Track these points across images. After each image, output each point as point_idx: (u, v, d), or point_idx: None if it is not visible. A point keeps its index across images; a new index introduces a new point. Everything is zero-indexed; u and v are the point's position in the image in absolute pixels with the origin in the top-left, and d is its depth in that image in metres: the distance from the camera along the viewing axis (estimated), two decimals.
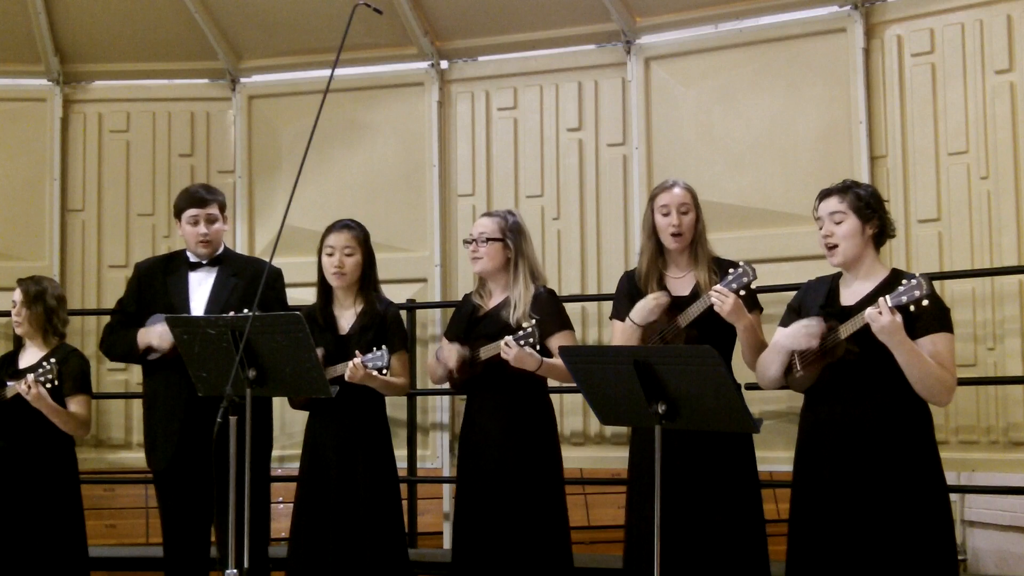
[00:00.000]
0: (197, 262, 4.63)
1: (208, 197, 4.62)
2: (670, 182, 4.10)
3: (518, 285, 4.22)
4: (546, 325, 4.14)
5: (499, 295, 4.29)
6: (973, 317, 5.05)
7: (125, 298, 4.74)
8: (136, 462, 6.29)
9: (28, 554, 4.60)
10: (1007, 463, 4.99)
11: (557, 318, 4.23)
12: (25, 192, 6.50)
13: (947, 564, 3.46)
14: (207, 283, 4.60)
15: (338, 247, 4.36)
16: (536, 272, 4.30)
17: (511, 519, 4.10)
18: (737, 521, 3.85)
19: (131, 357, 4.66)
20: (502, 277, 4.29)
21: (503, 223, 4.29)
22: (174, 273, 4.64)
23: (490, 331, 4.16)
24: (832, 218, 3.61)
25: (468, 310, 4.36)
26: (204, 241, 4.58)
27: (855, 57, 5.37)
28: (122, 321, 4.67)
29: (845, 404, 3.52)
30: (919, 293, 3.32)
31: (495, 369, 4.14)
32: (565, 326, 4.25)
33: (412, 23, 6.14)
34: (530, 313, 4.13)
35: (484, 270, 4.30)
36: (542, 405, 4.26)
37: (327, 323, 4.38)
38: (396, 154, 6.32)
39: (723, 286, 3.79)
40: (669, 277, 4.06)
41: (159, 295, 4.60)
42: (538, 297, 4.22)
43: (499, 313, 4.23)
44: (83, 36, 6.48)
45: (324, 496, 4.29)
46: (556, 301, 4.31)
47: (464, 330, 4.30)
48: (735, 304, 3.76)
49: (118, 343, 4.65)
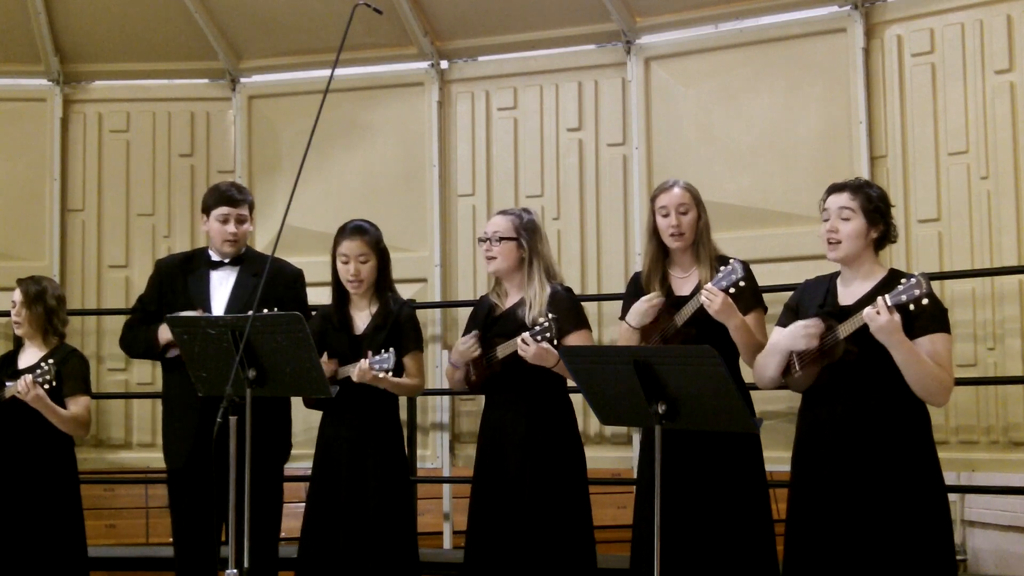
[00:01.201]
0: (219, 261, 4.61)
1: (240, 197, 4.60)
2: (670, 183, 4.09)
3: (533, 284, 4.18)
4: (563, 324, 4.09)
5: (515, 294, 4.25)
6: (973, 317, 5.05)
7: (146, 295, 4.73)
8: (136, 462, 6.30)
9: (28, 554, 4.60)
10: (1007, 463, 4.99)
11: (574, 317, 4.18)
12: (25, 192, 6.50)
13: (945, 564, 3.46)
14: (228, 282, 4.58)
15: (352, 255, 4.32)
16: (552, 271, 4.25)
17: (534, 521, 4.04)
18: (744, 522, 3.84)
19: (150, 354, 4.65)
20: (517, 276, 4.24)
21: (517, 221, 4.23)
22: (195, 271, 4.62)
23: (507, 330, 4.11)
24: (840, 214, 3.59)
25: (485, 310, 4.33)
26: (231, 240, 4.57)
27: (855, 57, 5.37)
28: (142, 319, 4.66)
29: (844, 404, 3.51)
30: (918, 292, 3.31)
31: (513, 368, 4.10)
32: (582, 325, 4.20)
33: (412, 23, 6.14)
34: (547, 311, 4.09)
35: (498, 270, 4.26)
36: (562, 404, 4.20)
37: (342, 324, 4.36)
38: (396, 154, 6.32)
39: (714, 284, 3.78)
40: (673, 277, 4.05)
41: (180, 293, 4.58)
42: (555, 295, 4.17)
43: (515, 312, 4.19)
44: (83, 36, 6.48)
45: (335, 495, 4.27)
46: (574, 299, 4.26)
47: (481, 330, 4.28)
48: (724, 303, 3.75)
49: (138, 340, 4.64)
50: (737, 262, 3.79)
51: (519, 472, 4.09)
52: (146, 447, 6.32)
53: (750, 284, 3.91)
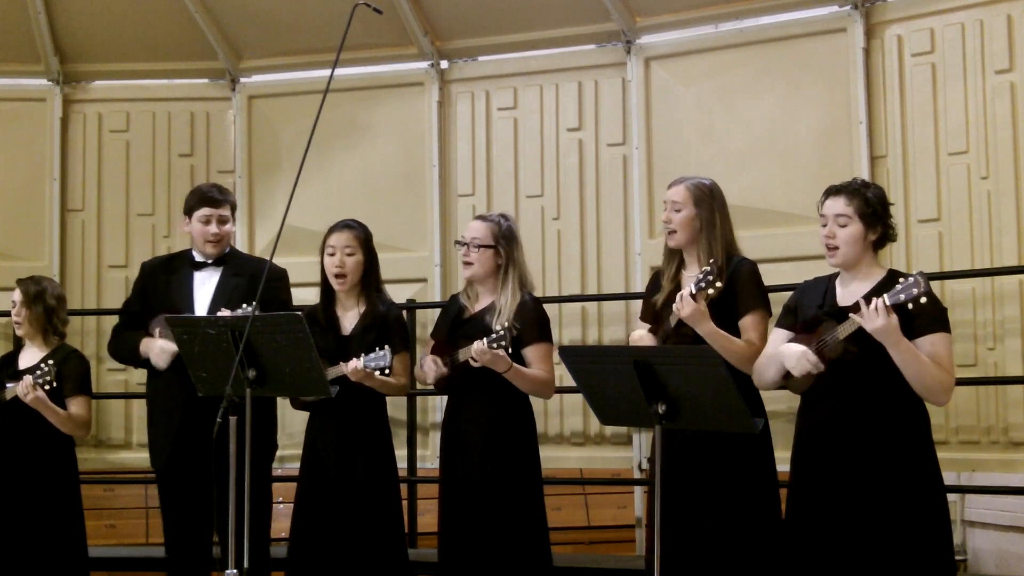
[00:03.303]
0: (202, 261, 4.64)
1: (220, 198, 4.64)
2: (678, 179, 4.08)
3: (506, 292, 4.20)
4: (525, 333, 4.13)
5: (486, 299, 4.27)
6: (973, 317, 5.05)
7: (130, 298, 4.79)
8: (136, 462, 6.29)
9: (28, 554, 4.60)
10: (1007, 463, 4.99)
11: (537, 328, 4.19)
12: (25, 192, 6.50)
13: (944, 564, 3.46)
14: (211, 282, 4.61)
15: (339, 247, 4.34)
16: (525, 279, 4.27)
17: (491, 521, 4.09)
18: (751, 522, 3.83)
19: (134, 361, 4.69)
20: (490, 281, 4.26)
21: (496, 229, 4.25)
22: (177, 272, 4.66)
23: (472, 334, 4.11)
24: (837, 220, 3.58)
25: (454, 311, 4.35)
26: (214, 241, 4.60)
27: (855, 57, 5.37)
28: (127, 322, 4.70)
29: (843, 404, 3.51)
30: (917, 291, 3.31)
31: (476, 372, 4.10)
32: (544, 338, 4.21)
33: (412, 23, 6.14)
34: (512, 320, 4.10)
35: (474, 275, 4.28)
36: (522, 408, 4.22)
37: (329, 324, 4.37)
38: (396, 154, 6.33)
39: (692, 286, 3.76)
40: (685, 275, 4.03)
41: (161, 295, 4.61)
42: (523, 305, 4.19)
43: (483, 317, 4.20)
44: (83, 36, 6.48)
45: (324, 496, 4.28)
46: (540, 311, 4.26)
47: (448, 331, 4.29)
48: (693, 310, 3.72)
49: (122, 347, 4.70)
50: (713, 265, 3.75)
51: (478, 473, 4.13)
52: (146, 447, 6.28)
53: (752, 283, 3.89)
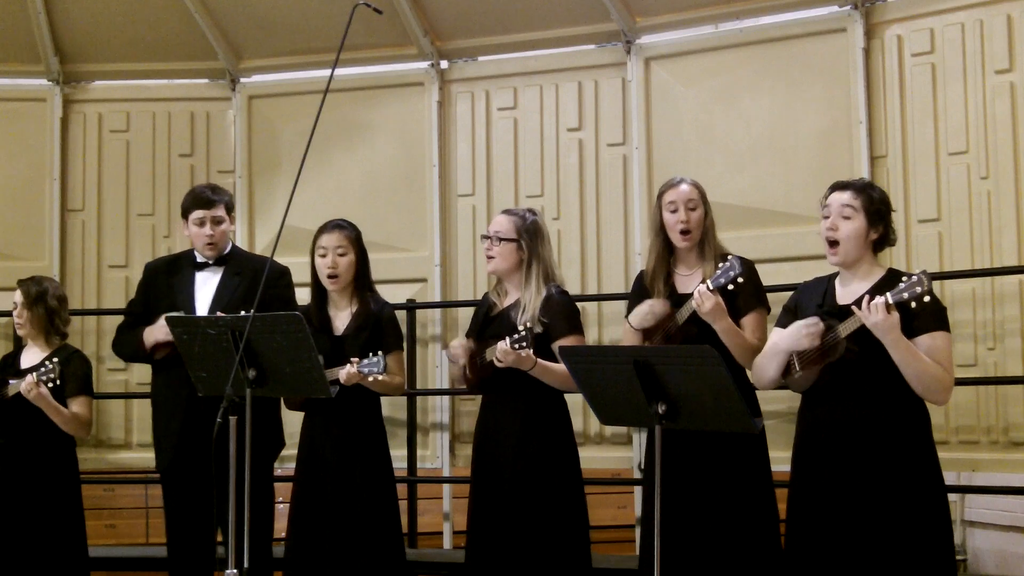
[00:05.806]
0: (203, 262, 4.64)
1: (214, 198, 4.62)
2: (677, 179, 4.07)
3: (530, 288, 4.16)
4: (554, 328, 4.09)
5: (514, 295, 4.24)
6: (973, 317, 5.05)
7: (134, 299, 4.80)
8: (136, 462, 6.30)
9: (28, 554, 4.60)
10: (1007, 463, 4.99)
11: (566, 321, 4.14)
12: (25, 192, 6.50)
13: (945, 564, 3.46)
14: (212, 282, 4.61)
15: (331, 247, 4.34)
16: (551, 273, 4.22)
17: (528, 522, 4.03)
18: (749, 521, 3.84)
19: (138, 356, 4.69)
20: (516, 277, 4.22)
21: (520, 223, 4.21)
22: (178, 273, 4.66)
23: (500, 331, 4.08)
24: (841, 211, 3.56)
25: (484, 309, 4.33)
26: (210, 243, 4.59)
27: (855, 57, 5.37)
28: (130, 322, 4.71)
29: (844, 404, 3.51)
30: (921, 289, 3.30)
31: (506, 371, 4.06)
32: (574, 330, 4.16)
33: (412, 23, 6.14)
34: (540, 316, 4.08)
35: (497, 270, 4.25)
36: (557, 405, 4.18)
37: (322, 324, 4.36)
38: (396, 154, 6.33)
39: (712, 281, 3.77)
40: (678, 275, 4.04)
41: (163, 295, 4.61)
42: (549, 299, 4.15)
43: (510, 314, 4.18)
44: (83, 36, 6.48)
45: (320, 496, 4.27)
46: (568, 303, 4.22)
47: (479, 329, 4.29)
48: (714, 305, 3.74)
49: (126, 343, 4.69)
50: (736, 259, 3.78)
51: (514, 472, 4.09)
52: (146, 447, 6.29)
53: (752, 282, 3.90)
